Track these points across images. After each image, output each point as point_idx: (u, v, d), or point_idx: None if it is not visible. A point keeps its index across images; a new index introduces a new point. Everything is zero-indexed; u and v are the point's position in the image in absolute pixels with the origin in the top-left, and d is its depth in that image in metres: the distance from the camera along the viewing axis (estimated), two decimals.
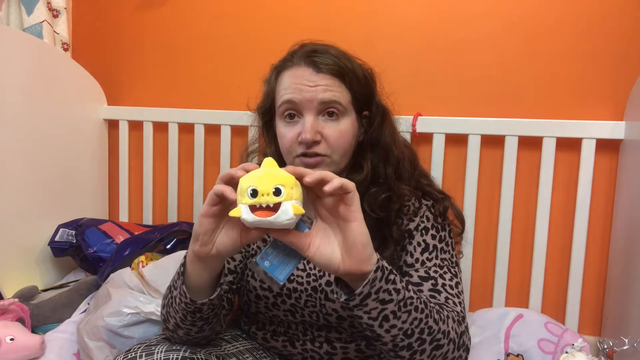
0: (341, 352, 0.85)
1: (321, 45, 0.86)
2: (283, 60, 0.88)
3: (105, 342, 1.04)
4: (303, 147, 0.81)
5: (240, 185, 0.60)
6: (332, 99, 0.81)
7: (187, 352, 0.75)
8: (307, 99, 0.81)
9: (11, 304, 1.10)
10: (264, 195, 0.58)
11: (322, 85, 0.81)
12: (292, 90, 0.82)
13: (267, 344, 0.90)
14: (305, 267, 0.87)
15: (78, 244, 1.37)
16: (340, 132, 0.82)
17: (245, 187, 0.59)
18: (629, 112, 1.21)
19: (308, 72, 0.82)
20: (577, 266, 1.25)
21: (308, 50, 0.84)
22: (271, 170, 0.61)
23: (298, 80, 0.82)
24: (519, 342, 1.12)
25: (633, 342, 0.96)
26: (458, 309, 0.77)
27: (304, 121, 0.81)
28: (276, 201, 0.58)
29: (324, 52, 0.84)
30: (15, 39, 1.32)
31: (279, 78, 0.86)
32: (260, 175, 0.60)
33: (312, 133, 0.80)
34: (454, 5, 1.35)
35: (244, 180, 0.60)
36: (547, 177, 1.26)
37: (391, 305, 0.64)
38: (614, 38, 1.25)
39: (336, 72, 0.82)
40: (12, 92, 1.30)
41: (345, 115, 0.83)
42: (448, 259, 0.84)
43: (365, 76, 0.88)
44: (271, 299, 0.87)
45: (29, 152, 1.37)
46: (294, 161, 0.84)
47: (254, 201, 0.58)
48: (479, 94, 1.36)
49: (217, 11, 1.55)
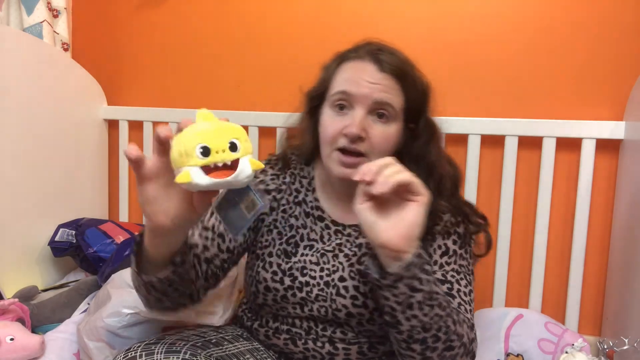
0: (343, 353, 0.85)
1: (388, 46, 0.86)
2: (347, 50, 0.87)
3: (105, 343, 1.04)
4: (346, 140, 0.80)
5: (183, 145, 0.51)
6: (387, 101, 0.80)
7: (187, 354, 0.74)
8: (363, 94, 0.80)
9: (11, 304, 1.10)
10: (219, 152, 0.51)
11: (381, 85, 0.80)
12: (350, 82, 0.81)
13: (268, 341, 0.90)
14: (319, 261, 0.87)
15: (78, 244, 1.37)
16: (385, 135, 0.82)
17: (192, 145, 0.51)
18: (629, 112, 1.21)
19: (371, 67, 0.81)
20: (577, 266, 1.25)
21: (375, 48, 0.84)
22: (220, 123, 0.54)
23: (359, 74, 0.81)
24: (519, 342, 1.12)
25: (633, 342, 0.96)
26: (468, 316, 0.78)
27: (354, 115, 0.80)
28: (234, 157, 0.52)
29: (390, 53, 0.83)
30: (15, 39, 1.32)
31: (340, 67, 0.85)
32: (209, 130, 0.52)
33: (359, 128, 0.79)
34: (454, 6, 1.35)
35: (186, 138, 0.52)
36: (547, 177, 1.26)
37: (419, 295, 0.65)
38: (614, 38, 1.25)
39: (398, 75, 0.82)
40: (12, 92, 1.30)
41: (394, 121, 0.82)
42: (465, 266, 0.84)
43: (423, 89, 0.87)
44: (281, 292, 0.85)
45: (29, 152, 1.37)
46: (331, 154, 0.82)
47: (208, 161, 0.50)
48: (478, 94, 1.36)
49: (216, 11, 1.55)
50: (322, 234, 0.89)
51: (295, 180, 0.94)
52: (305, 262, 0.87)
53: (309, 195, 0.92)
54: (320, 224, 0.90)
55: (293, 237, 0.89)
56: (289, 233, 0.90)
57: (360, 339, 0.86)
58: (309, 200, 0.92)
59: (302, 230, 0.90)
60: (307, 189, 0.93)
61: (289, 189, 0.93)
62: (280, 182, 0.93)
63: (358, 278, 0.84)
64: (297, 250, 0.88)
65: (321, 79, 0.90)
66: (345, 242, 0.88)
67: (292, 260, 0.87)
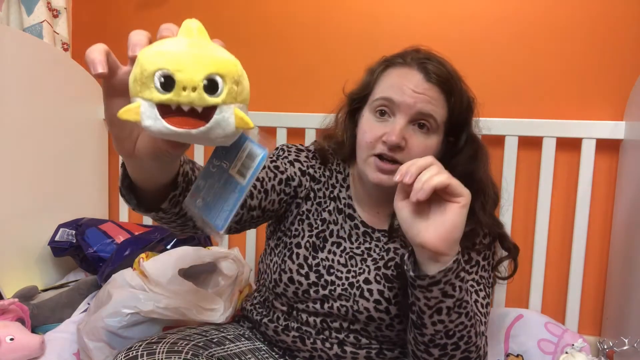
0: (350, 357, 0.84)
1: (437, 56, 0.84)
2: (395, 56, 0.86)
3: (105, 343, 1.04)
4: (384, 147, 0.79)
5: (140, 67, 0.36)
6: (430, 113, 0.79)
7: (189, 354, 0.74)
8: (407, 103, 0.78)
9: (11, 304, 1.10)
10: (187, 89, 0.35)
11: (427, 96, 0.79)
12: (395, 89, 0.80)
13: (276, 337, 0.89)
14: (347, 263, 0.86)
15: (78, 243, 1.37)
16: (425, 146, 0.80)
17: (151, 70, 0.35)
18: (629, 112, 1.21)
19: (418, 77, 0.80)
20: (577, 266, 1.26)
21: (422, 56, 0.83)
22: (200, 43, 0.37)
23: (404, 82, 0.80)
24: (519, 343, 1.12)
25: (633, 342, 0.96)
26: (483, 329, 0.78)
27: (394, 122, 0.79)
28: (208, 103, 0.36)
29: (438, 63, 0.82)
30: (15, 39, 1.32)
31: (386, 72, 0.84)
32: (183, 52, 0.35)
33: (399, 137, 0.77)
34: (454, 6, 1.35)
35: (147, 57, 0.36)
36: (547, 177, 1.27)
37: (450, 301, 0.65)
38: (614, 38, 1.25)
39: (444, 87, 0.80)
40: (12, 92, 1.30)
41: (435, 133, 0.81)
42: (486, 278, 0.84)
43: (469, 102, 0.86)
44: (304, 286, 0.84)
45: (28, 152, 1.36)
46: (368, 159, 0.81)
47: (167, 97, 0.35)
48: (478, 94, 1.35)
49: (215, 11, 1.55)
50: (351, 233, 0.89)
51: (332, 175, 0.93)
52: (332, 261, 0.86)
53: (343, 192, 0.92)
54: (350, 223, 0.89)
55: (323, 232, 0.88)
56: (320, 227, 0.89)
57: (371, 344, 0.85)
58: (343, 197, 0.91)
59: (332, 226, 0.89)
60: (341, 185, 0.92)
61: (327, 182, 0.92)
62: (320, 174, 0.92)
63: (383, 282, 0.83)
64: (324, 245, 0.87)
65: (365, 82, 0.89)
66: (374, 247, 0.87)
67: (319, 255, 0.86)
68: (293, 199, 0.90)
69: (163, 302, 1.06)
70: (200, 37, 0.39)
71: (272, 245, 0.92)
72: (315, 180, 0.91)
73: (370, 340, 0.85)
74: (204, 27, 0.39)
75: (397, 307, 0.81)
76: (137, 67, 0.37)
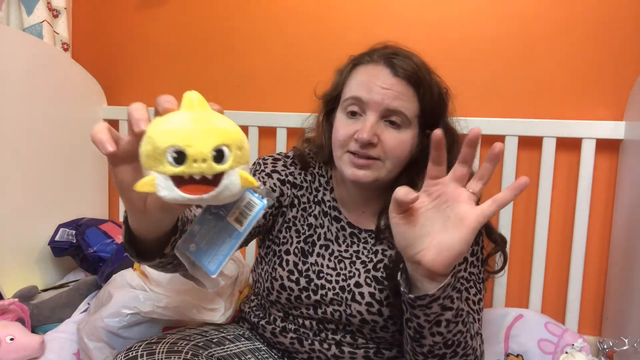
0: (348, 357, 0.84)
1: (404, 50, 0.83)
2: (362, 54, 0.85)
3: (105, 343, 1.04)
4: (357, 145, 0.79)
5: (152, 144, 0.39)
6: (399, 109, 0.78)
7: (188, 354, 0.74)
8: (375, 100, 0.78)
9: (11, 304, 1.10)
10: (198, 161, 0.38)
11: (394, 91, 0.78)
12: (363, 87, 0.79)
13: (274, 339, 0.89)
14: (336, 267, 0.86)
15: (78, 243, 1.37)
16: (398, 141, 0.80)
17: (163, 147, 0.38)
18: (629, 112, 1.21)
19: (384, 72, 0.79)
20: (577, 266, 1.26)
21: (389, 52, 0.82)
22: (204, 118, 0.40)
23: (371, 79, 0.79)
24: (519, 343, 1.12)
25: (633, 342, 0.96)
26: (476, 326, 0.77)
27: (365, 120, 0.79)
28: (217, 170, 0.39)
29: (405, 57, 0.81)
30: (15, 39, 1.32)
31: (353, 71, 0.84)
32: (191, 129, 0.39)
33: (370, 134, 0.77)
34: (454, 5, 1.35)
35: (158, 134, 0.39)
36: (547, 177, 1.27)
37: (449, 313, 0.64)
38: (614, 38, 1.25)
39: (412, 80, 0.79)
40: (12, 92, 1.30)
41: (407, 127, 0.80)
42: (476, 274, 0.84)
43: (440, 94, 0.85)
44: (296, 292, 0.84)
45: (29, 152, 1.37)
46: (343, 156, 0.81)
47: (181, 170, 0.38)
48: (478, 94, 1.36)
49: (216, 11, 1.55)
50: (338, 235, 0.89)
51: (315, 179, 0.93)
52: (322, 265, 0.86)
53: (327, 194, 0.92)
54: (337, 225, 0.89)
55: (311, 237, 0.89)
56: (308, 232, 0.89)
57: (368, 344, 0.85)
58: (327, 200, 0.91)
59: (319, 230, 0.89)
60: (325, 188, 0.92)
61: (310, 187, 0.92)
62: (302, 179, 0.92)
63: (374, 285, 0.83)
64: (313, 249, 0.88)
65: (335, 83, 0.88)
66: (362, 250, 0.87)
67: (308, 260, 0.86)
68: (278, 209, 0.90)
69: (163, 302, 1.06)
70: (201, 108, 0.41)
71: (262, 254, 0.93)
72: (297, 186, 0.91)
73: (367, 341, 0.85)
74: (202, 97, 0.42)
75: (390, 308, 0.81)
76: (148, 145, 0.40)
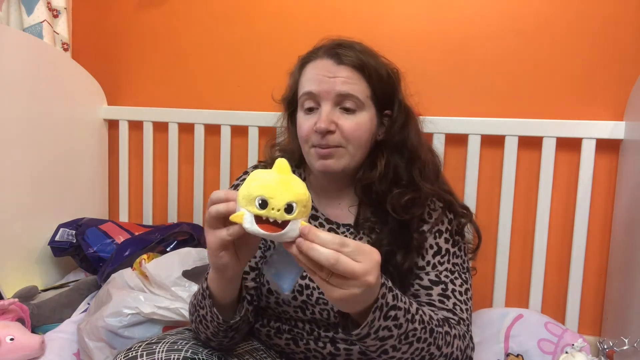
0: (344, 354, 0.85)
1: (347, 41, 0.87)
2: (309, 53, 0.88)
3: (105, 343, 1.04)
4: (318, 137, 0.81)
5: (247, 191, 0.56)
6: (349, 92, 0.81)
7: (188, 352, 0.75)
8: (325, 89, 0.81)
9: (11, 304, 1.10)
10: (274, 209, 0.54)
11: (341, 77, 0.81)
12: (312, 81, 0.83)
13: (270, 341, 0.90)
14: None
15: (78, 244, 1.37)
16: (356, 125, 0.82)
17: (255, 194, 0.55)
18: (629, 112, 1.21)
19: (329, 63, 0.82)
20: (577, 266, 1.25)
21: (333, 44, 0.85)
22: (286, 180, 0.57)
23: (318, 72, 0.83)
24: (519, 342, 1.12)
25: (633, 342, 0.96)
26: (464, 316, 0.78)
27: (320, 111, 0.82)
28: (286, 219, 0.54)
29: (347, 47, 0.84)
30: (15, 39, 1.32)
31: (303, 70, 0.87)
32: (274, 187, 0.55)
33: (327, 122, 0.80)
34: (454, 5, 1.35)
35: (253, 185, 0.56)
36: (547, 177, 1.27)
37: (391, 341, 0.64)
38: (614, 38, 1.25)
39: (357, 65, 0.82)
40: (12, 92, 1.30)
41: (362, 110, 0.83)
42: (460, 264, 0.84)
43: (389, 74, 0.87)
44: (282, 295, 0.86)
45: (29, 152, 1.37)
46: (309, 151, 0.84)
47: (262, 213, 0.54)
48: (479, 94, 1.36)
49: (216, 11, 1.55)
50: None
51: None
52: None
53: None
54: (314, 223, 0.90)
55: None
56: None
57: None
58: None
59: None
60: None
61: None
62: None
63: None
64: None
65: (289, 85, 0.91)
66: None
67: None
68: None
69: (164, 303, 1.06)
70: (285, 172, 0.57)
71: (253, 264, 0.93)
72: None
73: None
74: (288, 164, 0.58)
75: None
76: (245, 190, 0.56)
